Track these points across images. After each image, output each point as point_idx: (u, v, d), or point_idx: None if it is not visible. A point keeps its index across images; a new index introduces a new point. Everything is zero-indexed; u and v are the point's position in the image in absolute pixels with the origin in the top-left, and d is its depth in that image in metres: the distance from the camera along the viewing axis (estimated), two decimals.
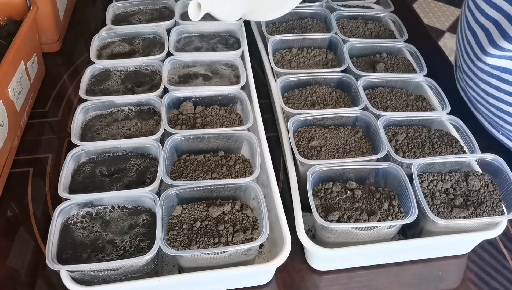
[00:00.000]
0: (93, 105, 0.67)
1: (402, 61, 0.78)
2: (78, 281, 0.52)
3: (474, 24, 0.64)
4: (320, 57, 0.77)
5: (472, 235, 0.57)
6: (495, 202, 0.57)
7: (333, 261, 0.58)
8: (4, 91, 0.67)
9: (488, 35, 0.61)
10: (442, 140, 0.64)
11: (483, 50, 0.62)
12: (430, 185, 0.58)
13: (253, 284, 0.57)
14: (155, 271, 0.55)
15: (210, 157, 0.62)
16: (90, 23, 0.99)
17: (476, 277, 0.59)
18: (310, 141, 0.63)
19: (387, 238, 0.57)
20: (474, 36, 0.65)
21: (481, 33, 0.63)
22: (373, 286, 0.58)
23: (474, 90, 0.68)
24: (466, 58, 0.68)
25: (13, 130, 0.70)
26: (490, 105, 0.66)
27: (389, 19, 0.86)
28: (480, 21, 0.63)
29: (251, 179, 0.57)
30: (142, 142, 0.61)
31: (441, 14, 2.24)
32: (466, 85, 0.70)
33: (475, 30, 0.64)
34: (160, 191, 0.59)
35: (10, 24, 0.80)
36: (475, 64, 0.65)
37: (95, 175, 0.60)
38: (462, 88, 0.73)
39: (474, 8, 0.65)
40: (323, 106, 0.69)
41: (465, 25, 0.68)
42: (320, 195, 0.57)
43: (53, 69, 0.88)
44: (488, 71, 0.63)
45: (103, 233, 0.54)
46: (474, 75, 0.66)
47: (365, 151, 0.62)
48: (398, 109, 0.69)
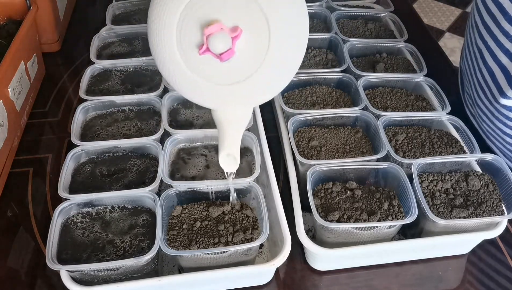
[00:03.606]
0: (93, 105, 0.67)
1: (402, 61, 0.78)
2: (78, 281, 0.52)
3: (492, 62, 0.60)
4: (320, 57, 0.77)
5: (472, 235, 0.57)
6: (495, 202, 0.57)
7: (333, 261, 0.58)
8: (4, 91, 0.67)
9: (508, 77, 0.58)
10: (442, 140, 0.64)
11: (501, 92, 0.59)
12: (430, 185, 0.58)
13: (253, 284, 0.57)
14: (155, 271, 0.55)
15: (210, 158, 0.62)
16: (90, 23, 0.99)
17: (476, 277, 0.59)
18: (310, 141, 0.63)
19: (387, 238, 0.57)
20: (491, 74, 0.60)
21: (500, 74, 0.59)
22: (373, 286, 0.58)
23: (489, 126, 0.65)
24: (481, 94, 0.64)
25: (13, 130, 0.70)
26: (506, 143, 0.65)
27: (389, 19, 0.86)
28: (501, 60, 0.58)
29: (251, 179, 0.57)
30: (142, 142, 0.61)
31: (441, 14, 2.24)
32: (479, 118, 0.67)
33: (493, 69, 0.60)
34: (160, 191, 0.59)
35: (10, 24, 0.80)
36: (492, 104, 0.62)
37: (95, 175, 0.60)
38: (472, 114, 0.71)
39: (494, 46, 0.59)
40: (323, 106, 0.69)
41: (479, 59, 0.62)
42: (320, 195, 0.57)
43: (53, 69, 0.88)
44: (504, 114, 0.61)
45: (103, 233, 0.54)
46: (489, 112, 0.63)
47: (365, 151, 0.62)
48: (398, 109, 0.69)
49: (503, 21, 0.56)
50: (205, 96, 0.46)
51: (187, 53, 0.42)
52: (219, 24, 0.40)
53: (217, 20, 0.41)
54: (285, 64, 0.45)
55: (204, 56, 0.42)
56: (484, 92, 0.62)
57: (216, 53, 0.41)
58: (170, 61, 0.43)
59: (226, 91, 0.45)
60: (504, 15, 0.55)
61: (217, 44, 0.41)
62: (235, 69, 0.43)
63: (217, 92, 0.45)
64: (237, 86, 0.44)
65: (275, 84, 0.47)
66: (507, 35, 0.56)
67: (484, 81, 0.62)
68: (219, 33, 0.40)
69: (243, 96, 0.46)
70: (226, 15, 0.41)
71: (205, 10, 0.41)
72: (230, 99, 0.46)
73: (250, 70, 0.43)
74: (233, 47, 0.41)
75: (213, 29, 0.40)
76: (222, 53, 0.41)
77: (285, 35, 0.43)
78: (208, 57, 0.42)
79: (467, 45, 0.67)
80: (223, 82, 0.44)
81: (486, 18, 0.59)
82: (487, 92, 0.62)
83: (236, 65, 0.43)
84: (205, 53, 0.41)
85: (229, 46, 0.41)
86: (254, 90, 0.45)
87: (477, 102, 0.66)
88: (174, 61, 0.43)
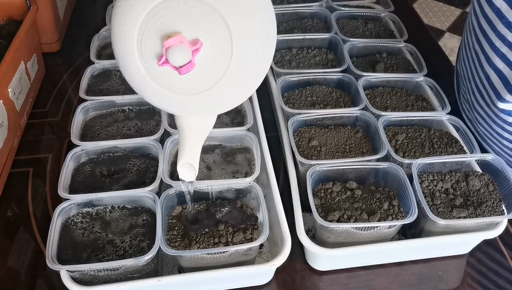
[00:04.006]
0: (93, 105, 0.67)
1: (402, 61, 0.77)
2: (78, 281, 0.51)
3: (488, 67, 0.59)
4: (320, 57, 0.77)
5: (472, 235, 0.57)
6: (495, 202, 0.57)
7: (333, 261, 0.58)
8: (4, 91, 0.67)
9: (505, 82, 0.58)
10: (442, 140, 0.64)
11: (499, 96, 0.59)
12: (430, 185, 0.58)
13: (253, 284, 0.57)
14: (155, 271, 0.54)
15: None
16: (90, 23, 0.99)
17: (476, 277, 0.59)
18: (310, 141, 0.63)
19: (387, 238, 0.57)
20: (487, 79, 0.60)
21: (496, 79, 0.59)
22: (373, 286, 0.58)
23: (487, 130, 0.65)
24: (478, 98, 0.64)
25: (13, 130, 0.70)
26: (504, 146, 0.65)
27: (389, 19, 0.86)
28: (497, 65, 0.58)
29: (251, 179, 0.57)
30: (142, 142, 0.61)
31: (441, 14, 2.24)
32: (476, 122, 0.67)
33: (489, 74, 0.60)
34: (160, 191, 0.59)
35: (10, 24, 0.80)
36: (490, 107, 0.61)
37: (95, 175, 0.60)
38: (468, 118, 0.70)
39: (489, 50, 0.58)
40: (323, 106, 0.69)
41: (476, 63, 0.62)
42: (320, 195, 0.57)
43: (53, 69, 0.88)
44: (502, 118, 0.61)
45: (103, 233, 0.54)
46: (487, 116, 0.63)
47: (365, 151, 0.62)
48: (398, 109, 0.69)
49: (500, 25, 0.55)
50: (168, 103, 0.45)
51: (148, 62, 0.41)
52: (179, 37, 0.39)
53: (178, 32, 0.39)
54: (248, 75, 0.43)
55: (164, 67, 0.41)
56: (482, 96, 0.62)
57: (175, 65, 0.40)
58: (133, 69, 0.42)
59: (188, 101, 0.44)
60: (501, 19, 0.55)
61: (176, 57, 0.39)
62: (195, 80, 0.42)
63: (179, 101, 0.44)
64: (199, 96, 0.43)
65: (239, 94, 0.46)
66: (503, 40, 0.56)
67: (482, 85, 0.62)
68: (179, 46, 0.39)
69: (205, 105, 0.45)
70: (187, 27, 0.39)
71: (165, 21, 0.39)
72: (193, 108, 0.45)
73: (211, 82, 0.42)
74: (193, 60, 0.40)
75: (172, 42, 0.39)
76: (181, 66, 0.40)
77: (249, 47, 0.41)
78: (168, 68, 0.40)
79: (464, 48, 0.67)
80: (184, 92, 0.43)
81: (483, 22, 0.58)
82: (485, 96, 0.62)
83: (196, 76, 0.41)
84: (164, 65, 0.40)
85: (189, 59, 0.40)
86: (217, 100, 0.44)
87: (474, 106, 0.66)
88: (136, 69, 0.42)
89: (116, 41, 0.42)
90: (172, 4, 0.39)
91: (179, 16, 0.39)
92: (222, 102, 0.46)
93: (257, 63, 0.43)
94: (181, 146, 0.48)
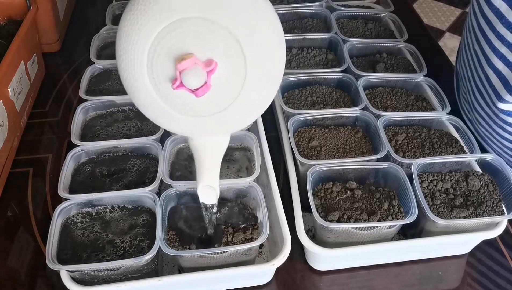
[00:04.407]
0: (93, 105, 0.67)
1: (402, 61, 0.77)
2: (78, 281, 0.51)
3: (487, 67, 0.59)
4: (320, 57, 0.77)
5: (472, 235, 0.57)
6: (495, 202, 0.57)
7: (333, 261, 0.58)
8: (4, 91, 0.67)
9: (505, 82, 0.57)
10: (442, 140, 0.64)
11: (498, 96, 0.59)
12: (430, 185, 0.58)
13: (253, 284, 0.57)
14: (155, 271, 0.54)
15: None
16: (90, 23, 0.99)
17: (476, 277, 0.59)
18: (310, 141, 0.63)
19: (387, 238, 0.57)
20: (487, 79, 0.60)
21: (496, 79, 0.58)
22: (373, 286, 0.58)
23: (487, 130, 0.65)
24: (478, 98, 0.63)
25: (13, 130, 0.70)
26: (504, 146, 0.64)
27: (389, 19, 0.86)
28: (496, 66, 0.58)
29: (251, 179, 0.57)
30: (142, 142, 0.61)
31: (441, 14, 2.24)
32: (477, 122, 0.67)
33: (488, 74, 0.60)
34: (160, 191, 0.59)
35: (10, 24, 0.80)
36: (490, 107, 0.61)
37: (95, 175, 0.60)
38: (468, 119, 0.70)
39: (489, 50, 0.58)
40: (323, 106, 0.69)
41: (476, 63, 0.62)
42: (320, 195, 0.57)
43: (53, 69, 0.88)
44: (502, 118, 0.60)
45: (103, 233, 0.54)
46: (487, 116, 0.63)
47: (365, 151, 0.62)
48: (398, 109, 0.69)
49: (499, 25, 0.55)
50: (181, 126, 0.44)
51: (160, 86, 0.40)
52: (193, 59, 0.38)
53: (190, 53, 0.38)
54: (262, 91, 0.42)
55: (178, 90, 0.39)
56: (482, 96, 0.62)
57: (190, 88, 0.39)
58: (143, 93, 0.41)
59: (202, 122, 0.43)
60: (500, 19, 0.55)
61: (191, 79, 0.38)
62: (211, 101, 0.41)
63: (193, 123, 0.43)
64: (214, 117, 0.42)
65: (253, 111, 0.45)
66: (502, 40, 0.56)
67: (482, 85, 0.62)
68: (193, 68, 0.38)
69: (220, 125, 0.44)
70: (199, 48, 0.38)
71: (176, 43, 0.38)
72: (207, 129, 0.44)
73: (227, 102, 0.41)
74: (208, 81, 0.39)
75: (186, 64, 0.37)
76: (197, 88, 0.39)
77: (262, 63, 0.40)
78: (183, 91, 0.39)
79: (464, 48, 0.67)
80: (198, 114, 0.42)
81: (482, 22, 0.58)
82: (485, 96, 0.62)
83: (212, 97, 0.40)
84: (179, 88, 0.39)
85: (204, 81, 0.38)
86: (232, 119, 0.43)
87: (474, 106, 0.66)
88: (147, 94, 0.41)
89: (123, 67, 0.41)
90: (182, 25, 0.37)
91: (190, 36, 0.38)
92: (236, 121, 0.45)
93: (270, 78, 0.42)
94: (198, 168, 0.47)
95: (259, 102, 0.44)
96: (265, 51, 0.40)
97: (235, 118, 0.43)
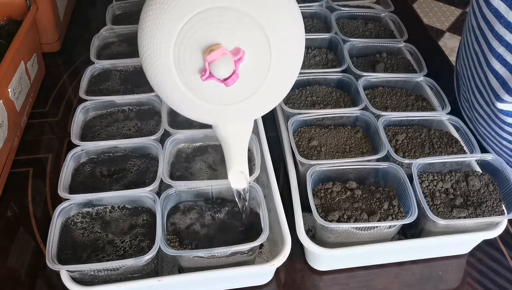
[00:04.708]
0: (93, 105, 0.67)
1: (402, 61, 0.78)
2: (78, 281, 0.52)
3: (485, 67, 0.59)
4: (320, 57, 0.77)
5: (472, 235, 0.57)
6: (495, 202, 0.57)
7: (333, 261, 0.58)
8: (4, 91, 0.67)
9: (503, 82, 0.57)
10: (442, 140, 0.64)
11: (497, 96, 0.59)
12: (430, 185, 0.58)
13: (253, 284, 0.57)
14: (155, 271, 0.55)
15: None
16: (90, 23, 0.99)
17: (476, 277, 0.59)
18: (310, 141, 0.63)
19: (387, 238, 0.57)
20: (486, 79, 0.60)
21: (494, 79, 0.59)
22: (373, 286, 0.58)
23: (486, 129, 0.65)
24: (478, 98, 0.64)
25: (13, 130, 0.70)
26: (503, 146, 0.64)
27: (389, 19, 0.86)
28: (494, 66, 0.58)
29: (251, 179, 0.57)
30: (142, 142, 0.61)
31: (441, 14, 2.24)
32: (476, 122, 0.67)
33: (487, 74, 0.60)
34: (160, 191, 0.59)
35: (10, 24, 0.80)
36: (490, 107, 0.61)
37: (95, 175, 0.60)
38: (469, 118, 0.70)
39: (487, 50, 0.59)
40: (323, 106, 0.69)
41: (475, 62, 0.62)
42: (320, 195, 0.57)
43: (53, 69, 0.88)
44: (501, 118, 0.61)
45: (103, 233, 0.54)
46: (486, 116, 0.63)
47: (365, 151, 0.62)
48: (398, 109, 0.69)
49: (498, 25, 0.55)
50: (207, 115, 0.45)
51: (187, 78, 0.40)
52: (222, 49, 0.38)
53: (218, 43, 0.38)
54: (285, 78, 0.44)
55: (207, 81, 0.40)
56: (482, 95, 0.62)
57: (220, 78, 0.40)
58: (169, 85, 0.42)
59: (229, 110, 0.44)
60: (499, 19, 0.55)
61: (221, 69, 0.39)
62: (238, 89, 0.41)
63: (219, 111, 0.44)
64: (240, 105, 0.43)
65: (276, 98, 0.46)
66: (500, 40, 0.56)
67: (481, 84, 0.62)
68: (222, 59, 0.38)
69: (245, 112, 0.45)
70: (226, 37, 0.39)
71: (203, 33, 0.38)
72: (233, 117, 0.45)
73: (252, 89, 0.42)
74: (236, 70, 0.39)
75: (215, 56, 0.38)
76: (226, 78, 0.39)
77: (286, 51, 0.42)
78: (212, 81, 0.40)
79: (464, 48, 0.67)
80: (225, 102, 0.43)
81: (481, 22, 0.58)
82: (484, 95, 0.62)
83: (239, 85, 0.41)
84: (208, 79, 0.39)
85: (233, 70, 0.39)
86: (256, 106, 0.45)
87: (474, 106, 0.66)
88: (174, 85, 0.42)
89: (149, 61, 0.41)
90: (207, 16, 0.38)
91: (216, 27, 0.38)
92: (260, 108, 0.46)
93: (291, 66, 0.43)
94: (227, 155, 0.48)
95: (282, 88, 0.45)
96: (288, 39, 0.41)
97: (259, 105, 0.45)
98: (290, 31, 0.41)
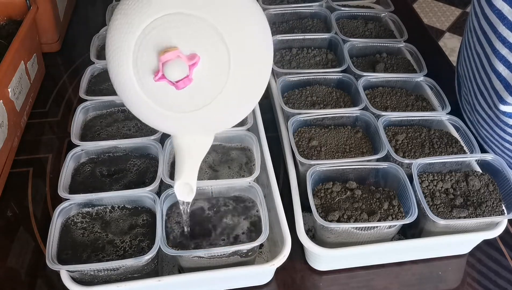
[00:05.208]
0: (93, 105, 0.67)
1: (402, 61, 0.77)
2: (78, 281, 0.52)
3: (489, 69, 0.59)
4: (320, 57, 0.77)
5: (472, 235, 0.57)
6: (495, 202, 0.57)
7: (333, 261, 0.58)
8: (4, 91, 0.67)
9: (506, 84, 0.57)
10: (442, 140, 0.64)
11: (500, 98, 0.58)
12: (430, 185, 0.58)
13: (253, 284, 0.57)
14: (155, 271, 0.54)
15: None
16: (90, 23, 0.99)
17: (476, 277, 0.59)
18: (310, 141, 0.63)
19: (387, 238, 0.57)
20: (489, 81, 0.60)
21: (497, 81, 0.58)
22: (373, 286, 0.58)
23: (488, 132, 0.65)
24: (480, 100, 0.63)
25: (13, 130, 0.70)
26: (505, 148, 0.64)
27: (389, 19, 0.86)
28: (497, 68, 0.58)
29: (251, 179, 0.57)
30: (142, 142, 0.61)
31: (441, 14, 2.25)
32: (478, 124, 0.67)
33: (490, 76, 0.59)
34: (160, 191, 0.59)
35: (10, 24, 0.80)
36: (492, 109, 0.61)
37: (95, 175, 0.60)
38: (470, 120, 0.70)
39: (490, 52, 0.58)
40: (323, 106, 0.69)
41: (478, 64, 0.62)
42: (320, 195, 0.57)
43: (53, 69, 0.88)
44: (503, 120, 0.60)
45: (103, 233, 0.54)
46: (488, 118, 0.63)
47: (365, 151, 0.62)
48: (398, 109, 0.69)
49: (501, 27, 0.55)
50: (164, 122, 0.45)
51: (143, 78, 0.41)
52: (176, 52, 0.38)
53: (174, 46, 0.39)
54: (247, 91, 0.43)
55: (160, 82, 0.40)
56: (484, 98, 0.62)
57: (172, 80, 0.39)
58: (127, 86, 0.42)
59: (185, 119, 0.43)
60: (502, 21, 0.55)
61: (173, 71, 0.39)
62: (193, 96, 0.41)
63: (175, 119, 0.43)
64: (196, 114, 0.42)
65: (237, 112, 0.45)
66: (503, 42, 0.55)
67: (484, 86, 0.61)
68: (175, 61, 0.39)
69: (202, 123, 0.44)
70: (184, 42, 0.39)
71: (162, 37, 0.39)
72: (189, 127, 0.44)
73: (209, 98, 0.41)
74: (190, 74, 0.39)
75: (169, 56, 0.38)
76: (178, 80, 0.39)
77: (247, 62, 0.41)
78: (164, 83, 0.40)
79: (465, 49, 0.67)
80: (180, 109, 0.42)
81: (483, 23, 0.58)
82: (487, 97, 0.61)
83: (194, 92, 0.41)
84: (160, 80, 0.40)
85: (186, 74, 0.39)
86: (214, 117, 0.43)
87: (476, 108, 0.65)
88: (131, 86, 0.42)
89: (112, 59, 0.41)
90: (168, 20, 0.39)
91: (174, 30, 0.39)
92: (219, 120, 0.45)
93: (255, 77, 0.42)
94: (178, 165, 0.47)
95: (244, 101, 0.44)
96: (250, 49, 0.41)
97: (217, 117, 0.43)
98: (253, 42, 0.41)
